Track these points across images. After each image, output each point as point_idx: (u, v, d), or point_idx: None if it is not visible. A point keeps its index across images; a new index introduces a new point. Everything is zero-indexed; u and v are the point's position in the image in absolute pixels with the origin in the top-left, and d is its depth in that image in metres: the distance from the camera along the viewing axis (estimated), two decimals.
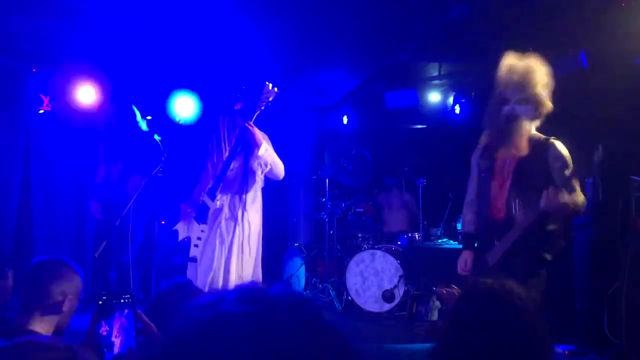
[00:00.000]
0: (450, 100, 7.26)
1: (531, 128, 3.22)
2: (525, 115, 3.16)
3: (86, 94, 6.09)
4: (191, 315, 0.85)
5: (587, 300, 4.47)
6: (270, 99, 4.10)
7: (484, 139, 3.36)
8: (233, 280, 4.06)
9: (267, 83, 4.07)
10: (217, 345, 0.79)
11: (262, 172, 4.22)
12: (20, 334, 1.65)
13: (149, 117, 4.92)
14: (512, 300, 1.48)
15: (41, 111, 6.12)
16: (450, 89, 7.37)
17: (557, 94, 3.20)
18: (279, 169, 4.28)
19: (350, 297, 6.10)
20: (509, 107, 3.17)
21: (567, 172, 3.08)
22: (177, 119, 6.05)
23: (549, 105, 3.16)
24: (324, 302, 6.40)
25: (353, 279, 6.11)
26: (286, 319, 0.82)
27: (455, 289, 2.21)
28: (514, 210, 3.14)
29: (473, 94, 5.22)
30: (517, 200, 3.14)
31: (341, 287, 6.29)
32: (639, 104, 4.59)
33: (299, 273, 6.85)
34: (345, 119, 7.74)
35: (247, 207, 4.19)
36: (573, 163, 3.14)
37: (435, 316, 5.52)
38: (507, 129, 3.18)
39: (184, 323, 0.84)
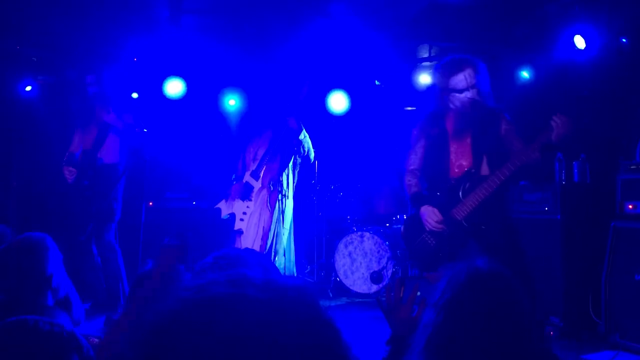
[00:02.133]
0: None
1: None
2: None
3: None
4: (179, 296, 0.84)
5: (572, 282, 4.50)
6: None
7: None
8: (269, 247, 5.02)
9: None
10: (202, 325, 0.79)
11: (299, 156, 5.12)
12: None
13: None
14: (504, 286, 1.48)
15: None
16: None
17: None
18: (312, 152, 5.22)
19: (338, 278, 6.13)
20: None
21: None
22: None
23: None
24: (312, 284, 6.42)
25: (342, 260, 6.13)
26: (274, 304, 0.82)
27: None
28: (479, 164, 3.39)
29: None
30: (482, 156, 3.39)
31: (330, 268, 6.31)
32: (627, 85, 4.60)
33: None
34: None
35: (285, 186, 5.06)
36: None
37: None
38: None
39: (171, 304, 0.83)
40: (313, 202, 6.72)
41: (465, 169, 3.40)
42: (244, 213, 5.04)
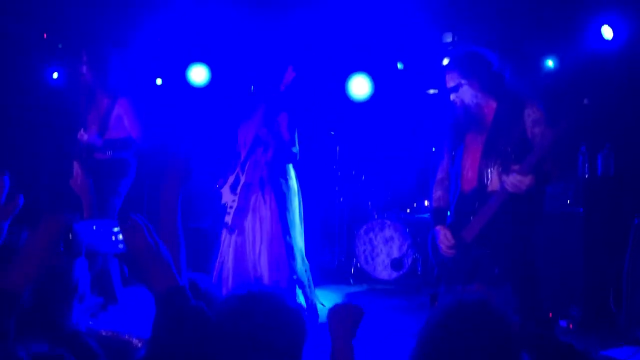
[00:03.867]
0: None
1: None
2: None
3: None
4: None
5: (593, 275, 4.49)
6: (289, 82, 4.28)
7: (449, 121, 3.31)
8: (257, 250, 4.31)
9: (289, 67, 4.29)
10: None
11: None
12: None
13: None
14: (489, 315, 1.49)
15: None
16: None
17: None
18: (293, 151, 4.45)
19: (359, 264, 6.19)
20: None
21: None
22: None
23: None
24: (331, 270, 6.48)
25: (362, 247, 6.18)
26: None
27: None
28: (486, 180, 3.04)
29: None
30: (489, 169, 3.03)
31: (350, 254, 6.37)
32: None
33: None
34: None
35: (274, 180, 4.37)
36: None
37: None
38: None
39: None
40: (334, 187, 6.75)
41: (474, 185, 3.10)
42: (230, 207, 4.39)
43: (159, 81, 6.63)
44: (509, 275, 2.97)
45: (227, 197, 4.41)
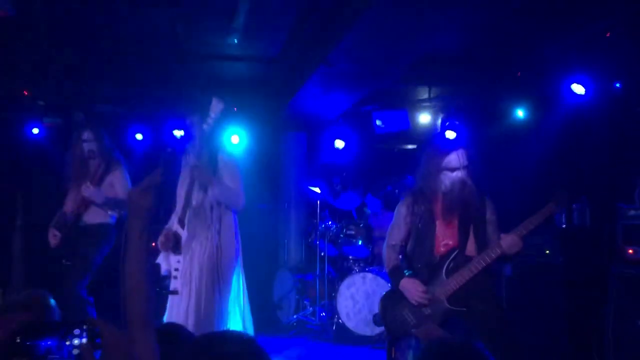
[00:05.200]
0: (439, 122, 7.32)
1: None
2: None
3: None
4: None
5: (576, 326, 4.48)
6: (216, 114, 3.84)
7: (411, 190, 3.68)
8: (203, 313, 3.84)
9: (213, 99, 3.86)
10: None
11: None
12: None
13: None
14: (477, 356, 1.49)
15: None
16: (440, 111, 7.43)
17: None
18: (233, 204, 4.04)
19: (341, 321, 6.10)
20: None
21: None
22: None
23: None
24: (314, 326, 6.39)
25: (344, 302, 6.11)
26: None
27: (434, 328, 2.22)
28: (466, 245, 3.38)
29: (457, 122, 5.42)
30: (469, 236, 3.40)
31: (332, 310, 6.28)
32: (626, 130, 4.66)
33: (289, 296, 6.84)
34: (338, 143, 7.69)
35: (218, 234, 3.97)
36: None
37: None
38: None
39: None
40: (315, 242, 6.73)
41: (450, 247, 3.40)
42: (176, 269, 3.92)
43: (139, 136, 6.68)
44: (490, 334, 3.20)
45: (167, 263, 3.98)
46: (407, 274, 3.50)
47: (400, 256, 3.61)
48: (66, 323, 1.42)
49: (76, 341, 1.38)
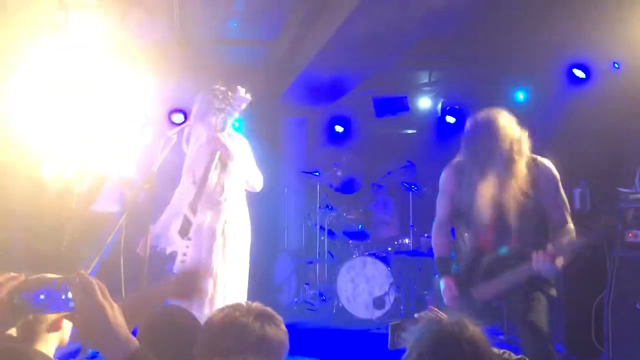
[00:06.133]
0: (439, 107, 7.30)
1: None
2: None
3: None
4: None
5: (575, 310, 4.49)
6: (244, 106, 3.75)
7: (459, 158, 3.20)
8: (219, 294, 3.78)
9: (239, 88, 3.70)
10: None
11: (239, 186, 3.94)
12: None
13: None
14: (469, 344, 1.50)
15: None
16: (440, 96, 7.40)
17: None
18: (255, 182, 3.99)
19: (341, 304, 6.12)
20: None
21: (561, 201, 3.09)
22: None
23: (518, 162, 3.04)
24: (314, 309, 6.41)
25: (344, 286, 6.13)
26: None
27: (437, 312, 2.22)
28: (508, 235, 3.01)
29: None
30: (509, 232, 3.01)
31: (332, 294, 6.31)
32: (626, 115, 4.64)
33: (289, 280, 6.86)
34: (338, 128, 7.68)
35: (230, 219, 3.89)
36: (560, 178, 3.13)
37: None
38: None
39: None
40: (315, 225, 6.74)
41: (490, 243, 3.04)
42: (184, 254, 3.77)
43: None
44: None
45: (173, 244, 3.83)
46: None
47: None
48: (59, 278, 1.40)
49: (70, 294, 1.37)
